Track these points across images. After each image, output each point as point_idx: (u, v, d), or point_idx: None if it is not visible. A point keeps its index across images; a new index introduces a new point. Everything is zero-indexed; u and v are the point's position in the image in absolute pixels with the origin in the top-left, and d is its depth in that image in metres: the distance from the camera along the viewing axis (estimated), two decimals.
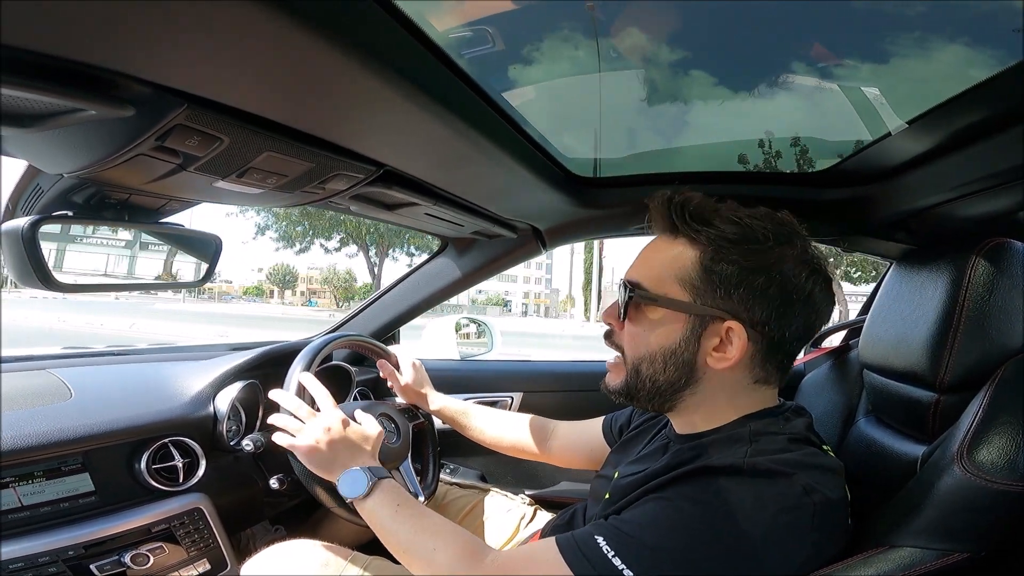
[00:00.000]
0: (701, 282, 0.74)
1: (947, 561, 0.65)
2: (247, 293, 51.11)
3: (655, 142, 1.17)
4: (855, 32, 0.75)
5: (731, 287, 0.73)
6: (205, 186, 0.82)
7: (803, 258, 0.74)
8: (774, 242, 0.73)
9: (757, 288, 0.72)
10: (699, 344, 0.75)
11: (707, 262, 0.74)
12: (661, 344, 0.77)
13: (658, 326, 0.77)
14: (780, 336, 0.74)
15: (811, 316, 0.75)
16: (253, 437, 1.24)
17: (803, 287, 0.73)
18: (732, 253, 0.73)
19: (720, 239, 0.73)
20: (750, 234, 0.73)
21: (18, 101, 0.55)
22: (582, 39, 0.81)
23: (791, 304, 0.73)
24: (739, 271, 0.72)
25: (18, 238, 0.78)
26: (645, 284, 0.78)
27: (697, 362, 0.76)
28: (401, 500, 0.89)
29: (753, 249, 0.72)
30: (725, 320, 0.73)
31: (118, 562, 0.94)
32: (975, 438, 0.67)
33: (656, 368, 0.77)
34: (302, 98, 0.65)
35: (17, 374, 1.13)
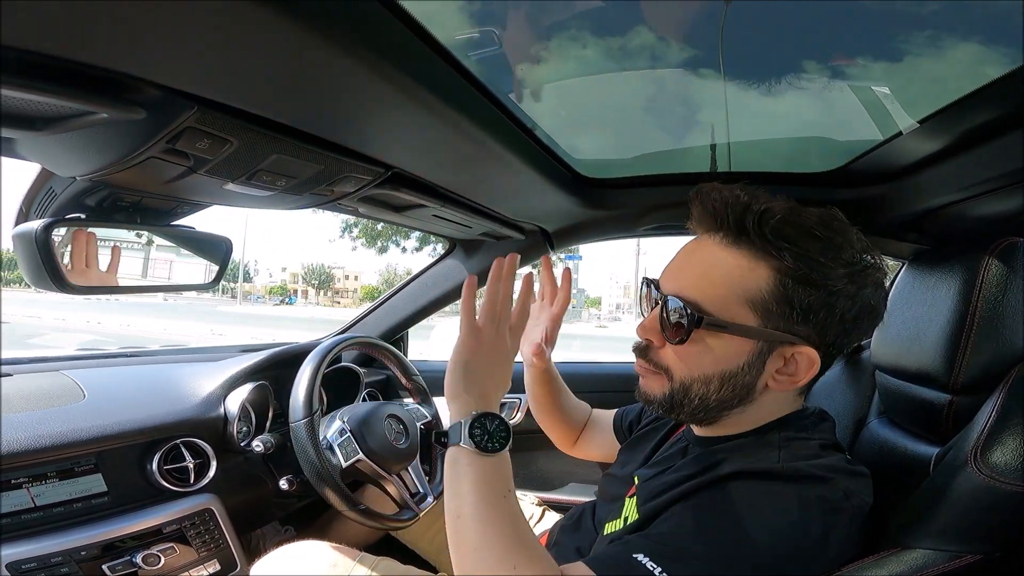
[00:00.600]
0: (776, 305, 0.67)
1: (960, 563, 0.64)
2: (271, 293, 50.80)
3: (663, 142, 1.16)
4: (867, 31, 0.74)
5: (810, 312, 0.67)
6: (215, 188, 0.83)
7: (876, 278, 0.69)
8: (860, 263, 0.67)
9: (838, 313, 0.67)
10: (763, 368, 0.70)
11: (787, 284, 0.66)
12: (720, 368, 0.70)
13: (718, 349, 0.70)
14: (838, 351, 0.72)
15: (872, 327, 0.72)
16: (263, 438, 1.25)
17: (875, 305, 0.70)
18: (818, 276, 0.66)
19: (804, 258, 0.65)
20: (837, 255, 0.66)
21: (30, 104, 0.55)
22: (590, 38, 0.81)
23: (859, 322, 0.69)
24: (825, 296, 0.66)
25: (32, 241, 0.79)
26: (708, 306, 0.68)
27: (757, 384, 0.71)
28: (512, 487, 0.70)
29: (841, 274, 0.66)
30: (796, 344, 0.68)
31: (130, 562, 0.95)
32: (989, 440, 0.67)
33: (710, 389, 0.71)
34: (310, 101, 0.66)
35: (31, 375, 1.15)
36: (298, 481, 1.23)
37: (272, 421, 1.34)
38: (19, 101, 0.54)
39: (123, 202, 0.86)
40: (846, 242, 0.67)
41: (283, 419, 1.21)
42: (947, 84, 0.73)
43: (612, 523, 0.83)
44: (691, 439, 0.83)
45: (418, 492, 1.30)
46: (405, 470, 1.29)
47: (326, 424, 1.24)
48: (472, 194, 1.15)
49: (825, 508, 0.63)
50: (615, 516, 0.83)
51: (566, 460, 1.76)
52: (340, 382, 1.54)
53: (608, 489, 0.93)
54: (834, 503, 0.63)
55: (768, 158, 1.17)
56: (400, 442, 1.27)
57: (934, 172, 0.90)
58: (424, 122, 0.74)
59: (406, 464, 1.29)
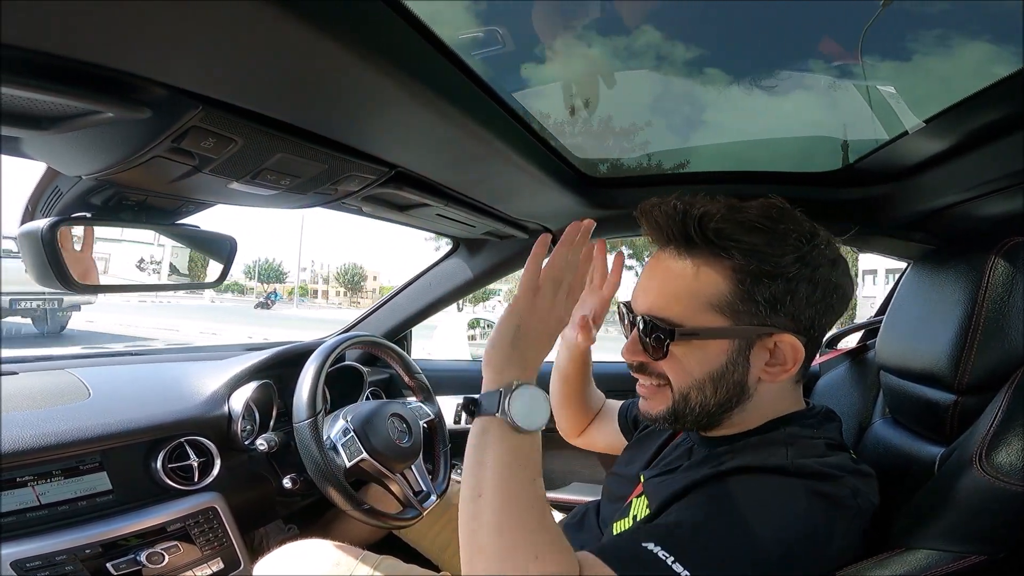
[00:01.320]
0: (741, 303, 0.68)
1: (964, 563, 0.64)
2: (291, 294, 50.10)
3: (668, 141, 1.16)
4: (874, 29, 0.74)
5: (776, 302, 0.68)
6: (220, 187, 0.83)
7: (827, 253, 0.71)
8: (807, 244, 0.69)
9: (803, 296, 0.68)
10: (748, 363, 0.71)
11: (746, 282, 0.68)
12: (706, 371, 0.71)
13: (698, 354, 0.71)
14: (820, 334, 0.73)
15: (844, 305, 0.73)
16: (267, 437, 1.25)
17: (836, 283, 0.71)
18: (771, 267, 0.67)
19: (753, 253, 0.67)
20: (783, 243, 0.68)
21: (36, 104, 0.55)
22: (595, 37, 0.81)
23: (829, 302, 0.71)
24: (784, 284, 0.68)
25: (38, 239, 0.79)
26: (676, 319, 0.71)
27: (748, 380, 0.72)
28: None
29: (792, 259, 0.67)
30: (774, 334, 0.70)
31: (134, 560, 0.96)
32: (994, 440, 0.66)
33: (706, 394, 0.72)
34: (315, 100, 0.66)
35: (37, 374, 1.15)
36: (301, 480, 1.23)
37: (276, 420, 1.35)
38: (25, 100, 0.54)
39: (128, 201, 0.87)
40: (790, 228, 0.69)
41: (287, 418, 1.21)
42: (953, 83, 0.73)
43: (620, 522, 0.83)
44: (696, 440, 0.82)
45: (421, 490, 1.30)
46: (408, 469, 1.30)
47: (330, 424, 1.24)
48: (476, 193, 1.15)
49: (832, 503, 0.63)
50: (623, 516, 0.83)
51: (569, 459, 1.77)
52: (344, 381, 1.54)
53: (613, 489, 0.93)
54: (841, 499, 0.63)
55: (773, 157, 1.16)
56: (403, 441, 1.27)
57: (940, 171, 0.89)
58: (428, 121, 0.74)
59: (410, 463, 1.29)
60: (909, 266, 1.03)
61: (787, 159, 1.16)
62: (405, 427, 1.30)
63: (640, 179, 1.26)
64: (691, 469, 0.75)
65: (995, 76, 0.67)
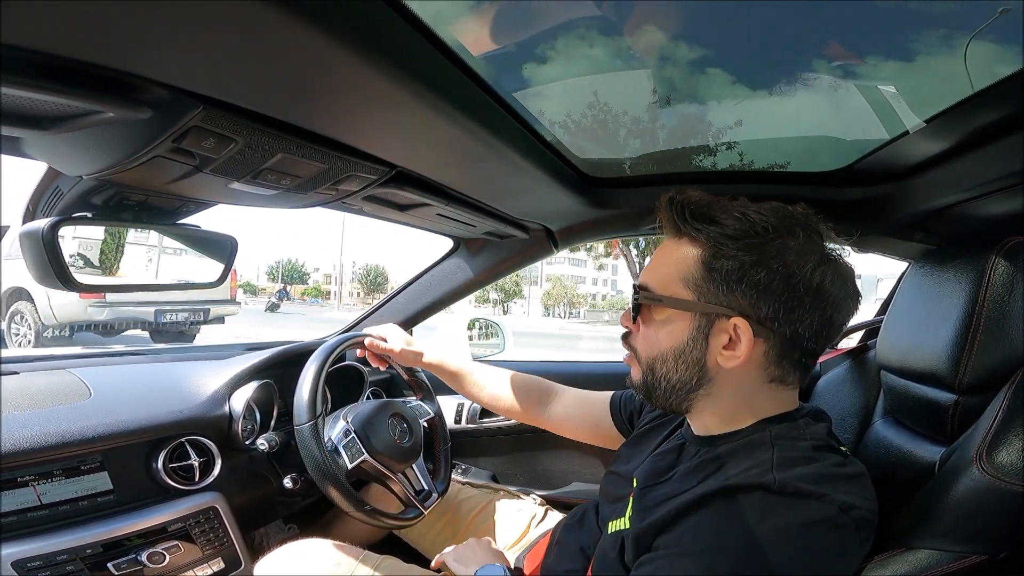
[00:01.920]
0: (703, 280, 0.73)
1: (965, 563, 0.64)
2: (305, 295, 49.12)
3: (669, 141, 1.16)
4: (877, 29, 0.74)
5: (732, 283, 0.71)
6: (221, 187, 0.83)
7: (808, 248, 0.71)
8: (774, 233, 0.71)
9: (760, 282, 0.70)
10: (707, 343, 0.74)
11: (708, 259, 0.73)
12: (671, 344, 0.76)
13: (666, 326, 0.77)
14: (793, 332, 0.71)
15: (826, 310, 0.72)
16: (268, 436, 1.25)
17: (809, 279, 0.70)
18: (731, 248, 0.71)
19: (720, 235, 0.72)
20: (749, 227, 0.71)
21: (37, 103, 0.56)
22: (597, 37, 0.81)
23: (798, 298, 0.70)
24: (739, 266, 0.71)
25: (38, 239, 0.79)
26: (651, 286, 0.78)
27: (707, 361, 0.74)
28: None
29: (752, 243, 0.71)
30: (731, 317, 0.72)
31: (135, 560, 0.96)
32: (994, 440, 0.66)
33: (668, 368, 0.77)
34: (315, 100, 0.66)
35: (38, 374, 1.15)
36: (302, 480, 1.23)
37: (277, 419, 1.35)
38: (26, 100, 0.54)
39: (129, 201, 0.87)
40: (763, 219, 0.71)
41: (288, 417, 1.21)
42: (954, 83, 0.73)
43: (616, 522, 0.83)
44: (689, 437, 0.83)
45: (423, 489, 1.30)
46: (410, 468, 1.30)
47: (330, 424, 1.24)
48: (476, 193, 1.15)
49: (821, 527, 0.63)
50: (619, 515, 0.84)
51: (569, 459, 1.77)
52: (344, 381, 1.54)
53: (611, 488, 0.93)
54: (831, 520, 0.63)
55: (774, 157, 1.16)
56: (404, 441, 1.27)
57: (940, 171, 0.89)
58: (429, 121, 0.74)
59: (411, 463, 1.29)
60: (910, 266, 1.03)
61: (787, 159, 1.16)
62: (406, 427, 1.30)
63: (640, 179, 1.26)
64: (682, 481, 0.75)
65: (996, 76, 0.67)
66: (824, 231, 0.75)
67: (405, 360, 1.32)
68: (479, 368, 1.31)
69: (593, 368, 1.93)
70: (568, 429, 1.23)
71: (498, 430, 1.78)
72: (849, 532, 0.63)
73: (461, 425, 1.77)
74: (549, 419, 1.24)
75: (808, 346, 0.73)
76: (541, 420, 1.24)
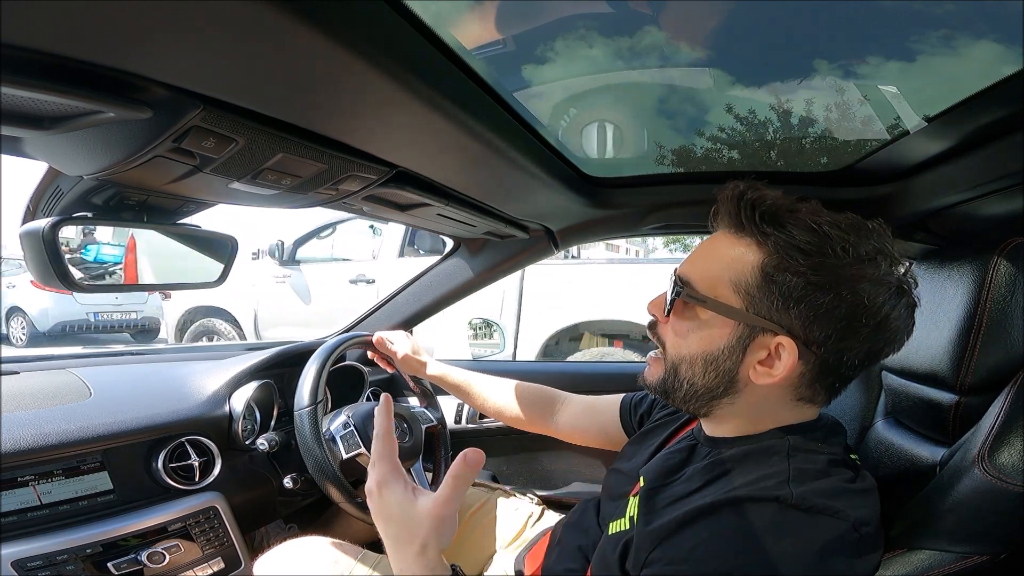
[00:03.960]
0: (758, 290, 0.68)
1: (967, 563, 0.64)
2: None
3: (669, 141, 1.16)
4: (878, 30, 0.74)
5: (791, 301, 0.66)
6: (221, 187, 0.83)
7: (886, 279, 0.66)
8: (853, 258, 0.65)
9: (822, 306, 0.65)
10: (744, 355, 0.69)
11: (769, 269, 0.67)
12: (703, 348, 0.72)
13: (703, 328, 0.72)
14: (836, 360, 0.68)
15: (879, 342, 0.68)
16: (268, 436, 1.26)
17: (878, 311, 0.65)
18: (800, 264, 0.65)
19: (790, 246, 0.66)
20: (826, 245, 0.65)
21: (37, 103, 0.55)
22: (597, 37, 0.81)
23: (857, 328, 0.66)
24: (804, 284, 0.65)
25: (39, 239, 0.79)
26: (696, 282, 0.72)
27: (739, 373, 0.70)
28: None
29: (826, 263, 0.65)
30: (777, 335, 0.67)
31: (135, 560, 0.96)
32: (996, 440, 0.66)
33: (695, 372, 0.73)
34: (316, 100, 0.66)
35: (38, 373, 1.15)
36: (302, 479, 1.23)
37: (277, 419, 1.35)
38: (26, 100, 0.54)
39: (129, 201, 0.87)
40: (842, 236, 0.65)
41: (287, 418, 1.21)
42: (956, 83, 0.73)
43: (616, 522, 0.83)
44: (700, 438, 0.81)
45: None
46: (407, 470, 1.30)
47: (330, 420, 1.24)
48: (477, 193, 1.15)
49: (835, 545, 0.61)
50: (620, 515, 0.83)
51: (569, 459, 1.77)
52: (344, 381, 1.54)
53: (613, 486, 0.92)
54: (845, 537, 0.62)
55: (775, 156, 1.16)
56: (404, 441, 1.27)
57: (942, 171, 0.89)
58: (429, 121, 0.74)
59: (409, 464, 1.29)
60: (910, 266, 1.03)
61: (788, 159, 1.16)
62: (406, 427, 1.30)
63: (640, 179, 1.26)
64: (691, 481, 0.73)
65: (998, 75, 0.66)
66: (899, 254, 0.69)
67: (407, 367, 1.33)
68: (482, 380, 1.31)
69: (596, 368, 1.93)
70: (576, 436, 1.22)
71: (498, 430, 1.78)
72: (859, 548, 0.62)
73: (461, 425, 1.77)
74: (556, 428, 1.23)
75: (846, 373, 0.70)
76: (548, 429, 1.24)
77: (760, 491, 0.64)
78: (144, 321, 7.90)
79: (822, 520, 0.62)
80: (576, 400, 1.24)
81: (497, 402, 1.27)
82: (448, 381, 1.31)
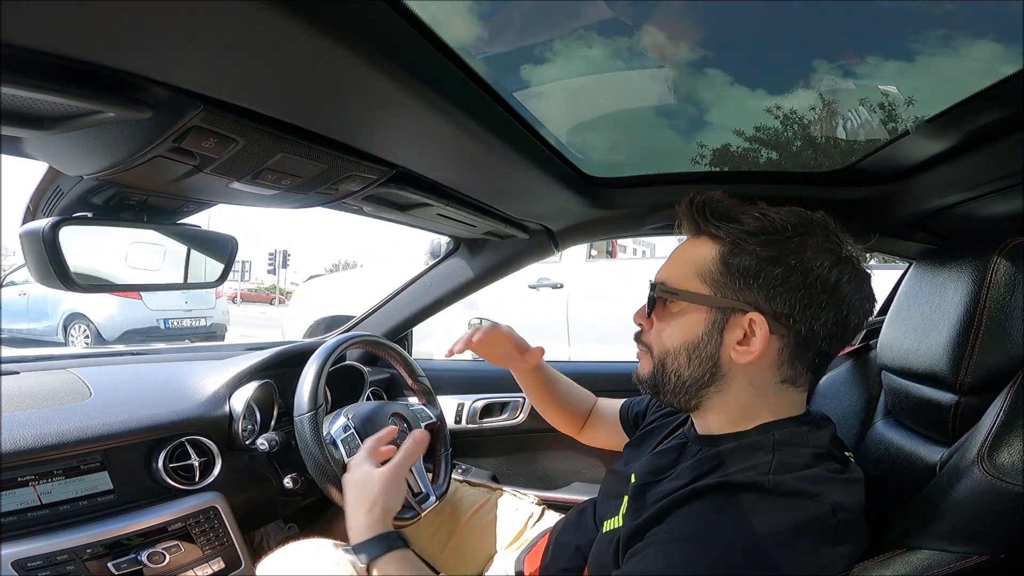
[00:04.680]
0: (720, 275, 0.74)
1: (966, 563, 0.64)
2: None
3: (671, 141, 1.16)
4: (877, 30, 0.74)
5: (749, 278, 0.72)
6: (221, 187, 0.83)
7: (826, 247, 0.72)
8: (793, 231, 0.72)
9: (777, 278, 0.71)
10: (722, 337, 0.74)
11: (726, 256, 0.74)
12: (684, 338, 0.77)
13: (680, 320, 0.77)
14: (808, 331, 0.72)
15: (842, 310, 0.72)
16: (268, 436, 1.25)
17: (826, 277, 0.71)
18: (750, 244, 0.72)
19: (740, 232, 0.73)
20: (768, 225, 0.72)
21: (38, 103, 0.55)
22: (596, 37, 0.81)
23: (814, 296, 0.71)
24: (756, 261, 0.72)
25: (39, 239, 0.79)
26: (668, 281, 0.79)
27: (721, 357, 0.75)
28: None
29: (770, 239, 0.72)
30: (747, 312, 0.72)
31: (135, 560, 0.96)
32: (996, 440, 0.66)
33: (680, 363, 0.77)
34: (316, 100, 0.66)
35: (38, 373, 1.15)
36: (302, 479, 1.23)
37: (277, 419, 1.35)
38: (26, 100, 0.54)
39: (130, 201, 0.87)
40: (783, 218, 0.73)
41: (288, 418, 1.21)
42: (955, 83, 0.73)
43: (611, 520, 0.84)
44: (690, 436, 0.83)
45: (421, 492, 1.30)
46: (408, 470, 1.29)
47: (330, 421, 1.24)
48: (477, 193, 1.15)
49: (811, 526, 0.63)
50: (614, 514, 0.84)
51: (569, 459, 1.77)
52: (344, 381, 1.54)
53: (610, 486, 0.94)
54: (820, 520, 0.63)
55: (774, 157, 1.16)
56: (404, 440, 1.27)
57: (941, 171, 0.89)
58: (429, 121, 0.74)
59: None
60: (910, 266, 1.03)
61: (788, 159, 1.16)
62: (406, 427, 1.30)
63: (640, 179, 1.26)
64: (680, 477, 0.75)
65: (998, 75, 0.66)
66: (842, 234, 0.75)
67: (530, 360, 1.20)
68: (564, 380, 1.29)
69: (596, 368, 1.93)
70: (591, 438, 1.28)
71: (498, 430, 1.78)
72: (838, 533, 0.64)
73: (461, 425, 1.77)
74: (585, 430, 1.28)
75: (822, 347, 0.74)
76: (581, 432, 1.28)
77: (742, 478, 0.67)
78: (213, 328, 7.63)
79: (799, 502, 0.64)
80: (600, 403, 1.29)
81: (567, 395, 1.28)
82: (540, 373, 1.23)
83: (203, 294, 7.61)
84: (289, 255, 14.40)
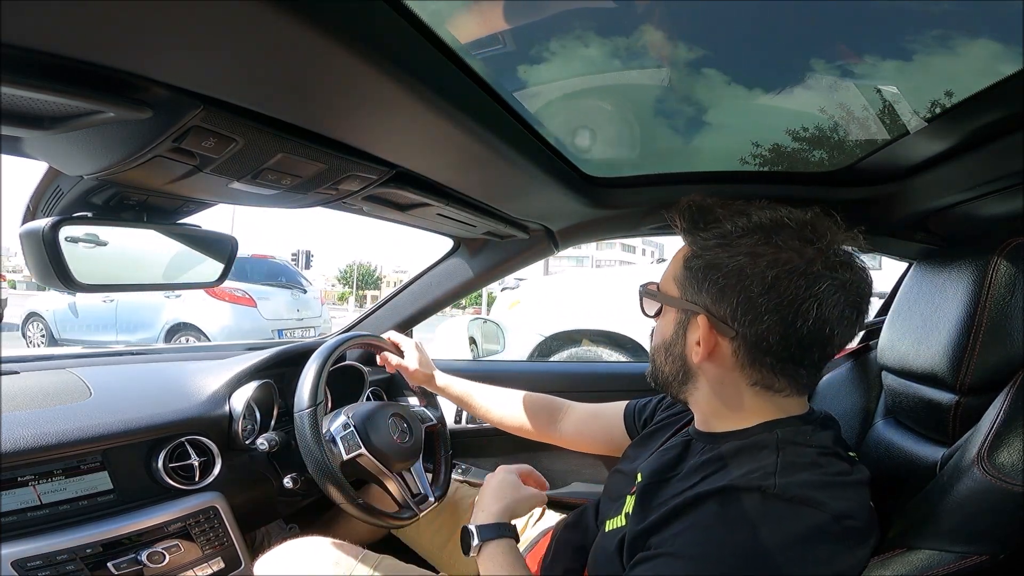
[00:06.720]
0: (684, 278, 0.77)
1: (966, 563, 0.64)
2: None
3: (671, 141, 1.16)
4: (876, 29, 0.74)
5: (700, 281, 0.74)
6: (221, 187, 0.83)
7: (785, 255, 0.69)
8: (744, 234, 0.72)
9: (718, 281, 0.72)
10: (685, 338, 0.77)
11: (688, 258, 0.77)
12: (662, 337, 0.82)
13: (661, 319, 0.83)
14: (756, 336, 0.70)
15: (786, 313, 0.68)
16: (268, 436, 1.25)
17: (761, 279, 0.68)
18: (702, 246, 0.75)
19: (698, 236, 0.76)
20: (729, 230, 0.74)
21: (37, 103, 0.56)
22: (594, 37, 0.81)
23: (752, 299, 0.69)
24: (703, 265, 0.74)
25: (39, 239, 0.79)
26: (657, 282, 0.84)
27: (688, 358, 0.78)
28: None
29: (722, 243, 0.73)
30: (698, 314, 0.75)
31: (135, 560, 0.96)
32: (995, 440, 0.66)
33: (660, 360, 0.82)
34: (316, 100, 0.66)
35: (38, 373, 1.15)
36: (302, 479, 1.23)
37: (277, 419, 1.35)
38: (26, 100, 0.54)
39: (129, 200, 0.87)
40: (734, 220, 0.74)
41: (288, 417, 1.21)
42: (956, 83, 0.73)
43: (613, 520, 0.84)
44: (694, 433, 0.84)
45: (419, 492, 1.30)
46: (407, 470, 1.30)
47: (330, 420, 1.24)
48: (477, 193, 1.15)
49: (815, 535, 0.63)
50: (616, 513, 0.84)
51: (569, 459, 1.77)
52: (344, 381, 1.54)
53: (614, 486, 0.93)
54: (826, 528, 0.63)
55: (774, 157, 1.16)
56: (404, 441, 1.27)
57: (942, 171, 0.89)
58: (429, 121, 0.74)
59: (409, 464, 1.29)
60: (911, 266, 1.03)
61: (788, 159, 1.16)
62: (406, 427, 1.30)
63: (642, 179, 1.26)
64: (685, 477, 0.75)
65: (998, 75, 0.66)
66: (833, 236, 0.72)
67: (416, 380, 1.36)
68: (485, 391, 1.34)
69: (597, 368, 1.93)
70: (580, 443, 1.25)
71: (497, 430, 1.78)
72: (843, 540, 0.64)
73: (461, 425, 1.77)
74: (561, 436, 1.26)
75: (780, 353, 0.71)
76: (553, 438, 1.27)
77: (746, 481, 0.67)
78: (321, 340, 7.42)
79: (803, 510, 0.64)
80: (579, 407, 1.27)
81: (500, 413, 1.31)
82: (452, 392, 1.35)
83: (310, 301, 7.56)
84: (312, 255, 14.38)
